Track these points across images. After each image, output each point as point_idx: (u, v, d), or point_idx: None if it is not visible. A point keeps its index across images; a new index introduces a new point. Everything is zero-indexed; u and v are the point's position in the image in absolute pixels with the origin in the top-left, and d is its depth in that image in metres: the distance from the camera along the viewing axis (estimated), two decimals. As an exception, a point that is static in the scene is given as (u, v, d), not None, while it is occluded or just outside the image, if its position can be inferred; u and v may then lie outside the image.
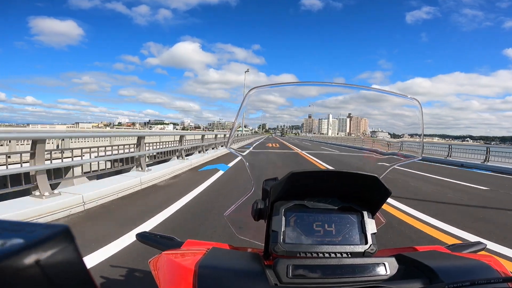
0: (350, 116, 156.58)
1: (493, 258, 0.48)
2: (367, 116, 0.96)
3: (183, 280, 0.40)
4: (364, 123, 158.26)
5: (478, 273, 0.42)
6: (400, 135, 0.93)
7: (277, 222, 0.49)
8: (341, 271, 0.42)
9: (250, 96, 0.60)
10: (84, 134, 6.66)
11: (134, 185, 4.09)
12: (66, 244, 0.16)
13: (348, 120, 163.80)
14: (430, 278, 0.40)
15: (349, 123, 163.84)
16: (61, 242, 0.16)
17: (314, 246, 0.48)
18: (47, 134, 3.55)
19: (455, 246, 0.64)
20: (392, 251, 0.55)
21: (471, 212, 3.47)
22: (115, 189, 3.62)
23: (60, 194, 2.98)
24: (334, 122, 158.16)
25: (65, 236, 0.16)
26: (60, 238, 0.16)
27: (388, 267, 0.44)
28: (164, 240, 0.64)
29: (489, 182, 5.97)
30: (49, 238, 0.15)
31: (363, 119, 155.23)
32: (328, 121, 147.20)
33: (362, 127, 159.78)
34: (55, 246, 0.15)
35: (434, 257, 0.47)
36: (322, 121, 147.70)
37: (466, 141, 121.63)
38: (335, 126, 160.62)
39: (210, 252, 0.47)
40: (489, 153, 9.93)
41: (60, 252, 0.15)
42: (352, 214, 0.52)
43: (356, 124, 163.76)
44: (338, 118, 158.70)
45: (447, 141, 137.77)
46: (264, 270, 0.41)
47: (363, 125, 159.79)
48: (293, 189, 0.51)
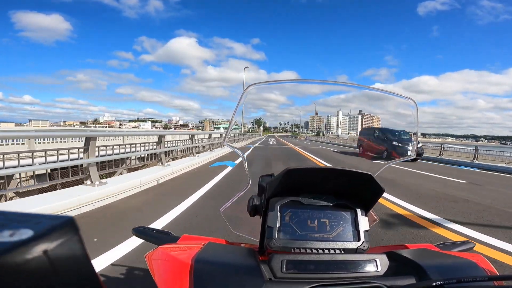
0: (361, 113, 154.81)
1: (481, 257, 0.52)
2: (372, 114, 0.94)
3: (179, 274, 0.43)
4: (376, 121, 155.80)
5: (465, 271, 0.45)
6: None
7: (272, 218, 0.52)
8: (334, 267, 0.45)
9: (248, 94, 0.62)
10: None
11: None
12: (71, 235, 0.17)
13: (360, 118, 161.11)
14: (419, 275, 0.43)
15: (361, 121, 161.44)
16: (67, 233, 0.17)
17: (308, 242, 0.50)
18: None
19: (445, 245, 0.69)
20: (383, 248, 0.59)
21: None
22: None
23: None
24: (344, 120, 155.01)
25: (70, 227, 0.17)
26: (66, 230, 0.17)
27: (379, 264, 0.47)
28: (160, 235, 0.68)
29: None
30: (55, 229, 0.16)
31: (376, 116, 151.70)
32: (338, 118, 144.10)
33: (375, 125, 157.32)
34: (61, 237, 0.16)
35: (423, 255, 0.50)
36: (330, 119, 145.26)
37: (480, 141, 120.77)
38: (345, 124, 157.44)
39: (206, 247, 0.50)
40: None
41: (66, 243, 0.16)
42: (346, 211, 0.55)
43: (368, 122, 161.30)
44: (348, 115, 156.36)
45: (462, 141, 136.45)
46: (259, 265, 0.44)
47: (375, 123, 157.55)
48: (289, 186, 0.54)
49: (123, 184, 3.82)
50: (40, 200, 2.92)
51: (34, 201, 2.89)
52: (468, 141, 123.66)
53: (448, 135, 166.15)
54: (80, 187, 3.45)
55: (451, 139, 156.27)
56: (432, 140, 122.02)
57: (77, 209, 2.92)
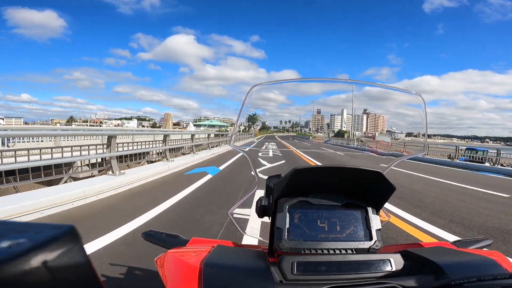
0: (366, 113, 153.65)
1: (500, 254, 0.52)
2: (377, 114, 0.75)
3: (189, 278, 0.44)
4: (382, 121, 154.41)
5: (485, 269, 0.44)
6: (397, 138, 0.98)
7: (281, 219, 0.52)
8: (346, 268, 0.45)
9: (252, 94, 0.63)
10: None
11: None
12: (73, 245, 0.17)
13: (365, 117, 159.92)
14: (436, 274, 0.42)
15: (366, 121, 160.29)
16: (68, 243, 0.17)
17: (319, 243, 0.50)
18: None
19: (461, 242, 0.69)
20: (397, 247, 0.58)
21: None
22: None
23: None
24: (348, 119, 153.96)
25: (71, 236, 0.17)
26: (67, 239, 0.17)
27: (394, 263, 0.47)
28: (170, 238, 0.70)
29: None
30: (56, 239, 0.16)
31: (381, 116, 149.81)
32: (342, 117, 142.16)
33: (380, 125, 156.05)
34: (61, 246, 0.16)
35: (440, 253, 0.49)
36: (334, 118, 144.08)
37: (486, 142, 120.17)
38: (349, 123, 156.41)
39: (215, 250, 0.51)
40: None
41: (67, 252, 0.16)
42: (357, 210, 0.55)
43: (373, 122, 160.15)
44: (352, 114, 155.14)
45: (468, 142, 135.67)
46: (269, 267, 0.44)
47: (381, 123, 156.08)
48: (297, 186, 0.54)
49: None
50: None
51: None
52: (474, 142, 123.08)
53: (449, 136, 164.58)
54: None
55: (456, 140, 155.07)
56: (438, 141, 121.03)
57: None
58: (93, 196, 3.67)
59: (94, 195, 3.69)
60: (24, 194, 3.29)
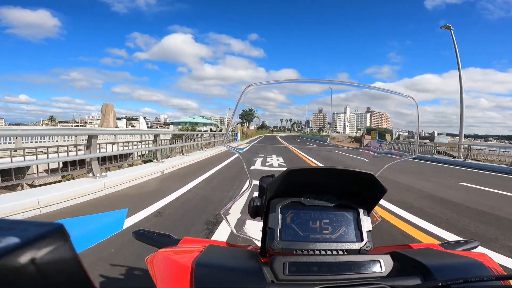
0: (370, 111, 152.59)
1: (486, 256, 0.53)
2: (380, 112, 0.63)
3: (179, 278, 0.44)
4: (386, 119, 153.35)
5: (472, 271, 0.45)
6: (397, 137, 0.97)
7: (273, 219, 0.53)
8: (337, 268, 0.47)
9: (247, 93, 0.64)
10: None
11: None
12: (61, 243, 0.17)
13: (369, 116, 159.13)
14: (424, 275, 0.44)
15: (370, 119, 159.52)
16: (56, 241, 0.17)
17: (311, 244, 0.51)
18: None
19: (449, 244, 0.71)
20: (387, 248, 0.60)
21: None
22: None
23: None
24: (352, 118, 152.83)
25: (60, 234, 0.17)
26: (55, 237, 0.17)
27: (383, 264, 0.48)
28: (161, 238, 0.70)
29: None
30: (44, 237, 0.16)
31: (385, 114, 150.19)
32: (345, 116, 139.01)
33: (384, 124, 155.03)
34: (49, 244, 0.16)
35: (428, 254, 0.51)
36: (337, 116, 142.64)
37: (490, 141, 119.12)
38: (353, 122, 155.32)
39: (207, 249, 0.51)
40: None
41: (55, 250, 0.16)
42: (348, 212, 0.56)
43: (377, 121, 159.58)
44: (355, 113, 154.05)
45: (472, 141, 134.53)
46: (260, 267, 0.44)
47: (385, 121, 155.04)
48: (290, 187, 0.55)
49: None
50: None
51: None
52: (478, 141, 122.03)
53: (450, 135, 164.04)
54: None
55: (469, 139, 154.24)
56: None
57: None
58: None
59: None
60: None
